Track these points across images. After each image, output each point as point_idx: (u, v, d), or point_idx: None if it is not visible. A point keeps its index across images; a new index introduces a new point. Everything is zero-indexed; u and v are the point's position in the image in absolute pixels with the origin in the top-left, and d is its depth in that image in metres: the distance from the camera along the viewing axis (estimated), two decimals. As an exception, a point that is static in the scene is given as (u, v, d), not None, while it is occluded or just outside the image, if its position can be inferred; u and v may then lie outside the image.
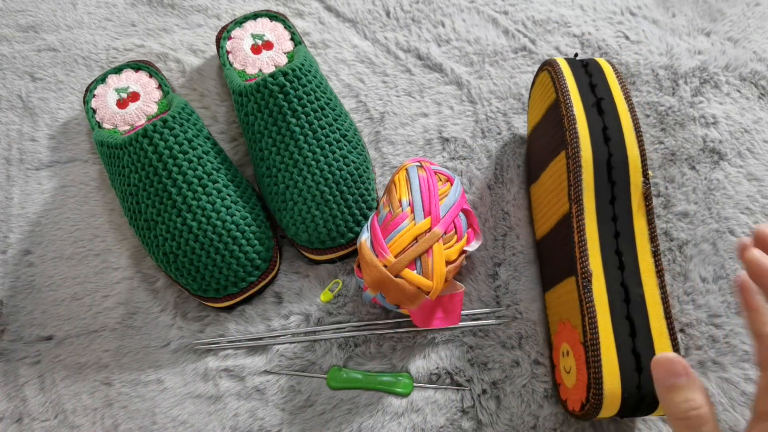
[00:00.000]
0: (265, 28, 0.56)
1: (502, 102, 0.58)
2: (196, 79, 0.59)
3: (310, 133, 0.49)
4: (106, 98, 0.54)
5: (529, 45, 0.60)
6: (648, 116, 0.56)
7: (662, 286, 0.41)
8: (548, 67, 0.47)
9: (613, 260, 0.42)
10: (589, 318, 0.40)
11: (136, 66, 0.56)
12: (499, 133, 0.56)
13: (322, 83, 0.52)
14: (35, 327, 0.50)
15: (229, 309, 0.50)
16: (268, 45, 0.56)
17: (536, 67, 0.59)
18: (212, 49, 0.60)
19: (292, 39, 0.56)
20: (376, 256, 0.44)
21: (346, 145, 0.50)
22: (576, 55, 0.48)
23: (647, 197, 0.42)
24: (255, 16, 0.57)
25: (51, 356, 0.49)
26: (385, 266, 0.43)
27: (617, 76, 0.45)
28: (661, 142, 0.55)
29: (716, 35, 0.60)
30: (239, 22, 0.57)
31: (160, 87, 0.55)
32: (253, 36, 0.56)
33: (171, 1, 0.63)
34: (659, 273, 0.41)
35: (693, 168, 0.54)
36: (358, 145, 0.52)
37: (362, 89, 0.58)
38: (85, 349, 0.50)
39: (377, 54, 0.60)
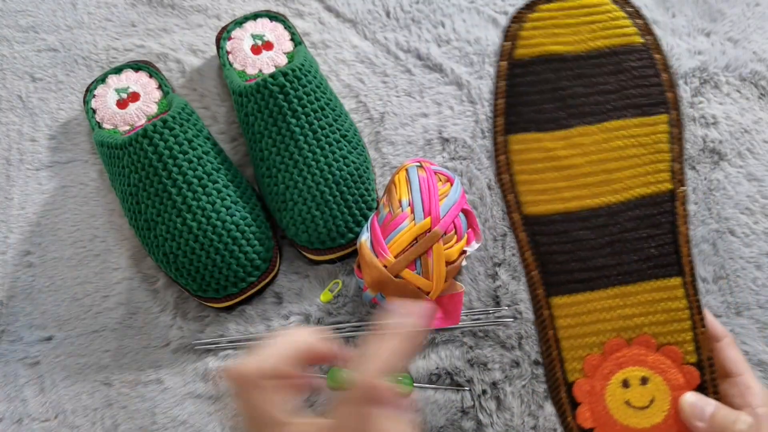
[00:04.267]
0: (265, 28, 0.56)
1: (502, 102, 0.57)
2: (196, 80, 0.59)
3: (310, 133, 0.49)
4: (106, 98, 0.54)
5: (529, 45, 0.60)
6: (648, 116, 0.56)
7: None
8: None
9: None
10: (706, 331, 0.33)
11: (136, 66, 0.56)
12: (499, 134, 0.56)
13: (322, 83, 0.52)
14: (35, 327, 0.50)
15: (229, 309, 0.50)
16: (268, 45, 0.56)
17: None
18: (212, 50, 0.60)
19: (292, 39, 0.56)
20: (376, 256, 0.44)
21: (346, 146, 0.50)
22: None
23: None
24: (255, 16, 0.57)
25: (51, 357, 0.49)
26: (385, 266, 0.43)
27: None
28: (661, 143, 0.55)
29: (716, 35, 0.60)
30: (239, 22, 0.57)
31: (160, 87, 0.55)
32: (253, 36, 0.56)
33: (171, 1, 0.63)
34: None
35: (693, 168, 0.54)
36: (358, 145, 0.52)
37: (362, 89, 0.58)
38: (85, 349, 0.50)
39: (377, 54, 0.60)
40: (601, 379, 0.33)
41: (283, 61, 0.55)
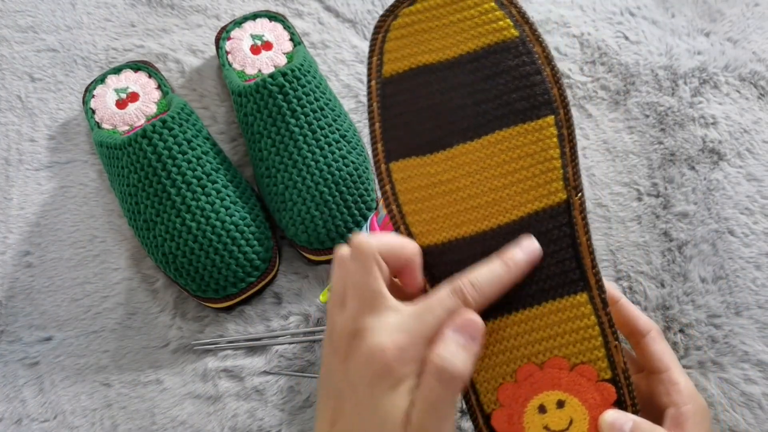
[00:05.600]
0: (265, 28, 0.56)
1: (502, 102, 0.57)
2: (196, 80, 0.59)
3: (309, 133, 0.49)
4: (105, 99, 0.54)
5: (529, 45, 0.60)
6: (647, 116, 0.56)
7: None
8: None
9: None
10: (620, 344, 0.31)
11: (136, 66, 0.56)
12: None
13: (321, 84, 0.52)
14: (34, 328, 0.50)
15: (228, 309, 0.50)
16: (268, 45, 0.56)
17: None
18: (211, 50, 0.60)
19: (291, 39, 0.56)
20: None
21: (345, 146, 0.50)
22: None
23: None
24: (254, 16, 0.57)
25: (50, 357, 0.49)
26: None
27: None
28: (660, 143, 0.55)
29: (716, 36, 0.60)
30: (238, 22, 0.57)
31: (159, 87, 0.55)
32: (253, 36, 0.56)
33: (170, 1, 0.63)
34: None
35: (692, 168, 0.54)
36: (358, 145, 0.52)
37: (362, 89, 0.58)
38: (85, 349, 0.50)
39: (377, 54, 0.60)
40: (518, 408, 0.31)
41: (282, 61, 0.55)
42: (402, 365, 0.26)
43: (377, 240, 0.29)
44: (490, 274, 0.29)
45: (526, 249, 0.30)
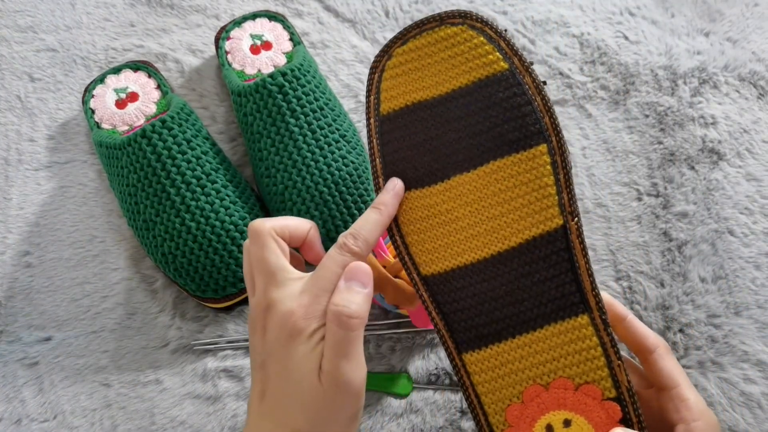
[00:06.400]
0: (264, 28, 0.56)
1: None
2: (195, 80, 0.59)
3: (309, 133, 0.49)
4: (104, 98, 0.54)
5: (528, 45, 0.60)
6: (647, 116, 0.56)
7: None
8: (475, 22, 0.33)
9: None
10: (623, 363, 0.32)
11: (135, 66, 0.55)
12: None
13: (321, 83, 0.52)
14: (34, 328, 0.50)
15: (227, 309, 0.50)
16: (267, 45, 0.55)
17: (537, 68, 0.59)
18: (211, 50, 0.60)
19: (291, 39, 0.56)
20: (375, 256, 0.44)
21: (345, 146, 0.50)
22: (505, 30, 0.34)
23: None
24: (254, 16, 0.57)
25: (50, 357, 0.49)
26: (384, 267, 0.43)
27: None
28: (660, 143, 0.55)
29: (715, 35, 0.60)
30: (238, 22, 0.57)
31: (158, 87, 0.55)
32: (252, 36, 0.56)
33: (170, 1, 0.63)
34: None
35: (692, 168, 0.54)
36: (357, 145, 0.52)
37: (361, 89, 0.58)
38: (84, 350, 0.50)
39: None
40: (526, 427, 0.32)
41: (282, 61, 0.55)
42: (309, 322, 0.29)
43: (271, 221, 0.32)
44: (367, 221, 0.32)
45: (390, 189, 0.33)
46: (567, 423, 0.32)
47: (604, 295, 0.34)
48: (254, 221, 0.32)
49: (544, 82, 0.33)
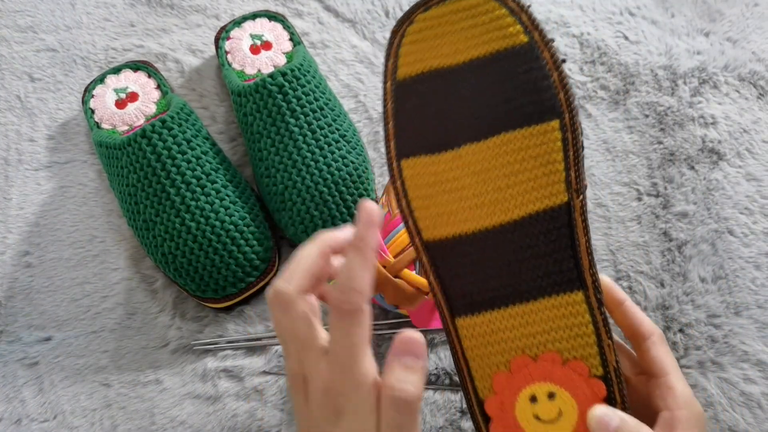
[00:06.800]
0: (264, 28, 0.56)
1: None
2: (195, 80, 0.59)
3: (309, 133, 0.49)
4: (104, 98, 0.54)
5: (528, 45, 0.60)
6: (647, 116, 0.56)
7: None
8: None
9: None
10: (614, 343, 0.32)
11: (135, 66, 0.55)
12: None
13: (321, 83, 0.52)
14: (34, 328, 0.50)
15: (227, 309, 0.50)
16: (267, 45, 0.55)
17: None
18: (211, 50, 0.60)
19: (291, 39, 0.56)
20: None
21: (345, 146, 0.50)
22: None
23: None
24: (254, 16, 0.57)
25: (50, 357, 0.49)
26: (384, 266, 0.43)
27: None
28: (660, 142, 0.55)
29: (715, 35, 0.60)
30: (238, 22, 0.57)
31: (158, 87, 0.55)
32: (252, 36, 0.56)
33: (170, 1, 0.63)
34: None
35: (692, 168, 0.54)
36: (357, 145, 0.52)
37: (361, 89, 0.58)
38: (84, 350, 0.50)
39: (376, 54, 0.60)
40: (510, 396, 0.33)
41: (282, 61, 0.55)
42: (352, 394, 0.28)
43: (295, 281, 0.30)
44: (354, 271, 0.29)
45: (365, 221, 0.30)
46: (551, 395, 0.32)
47: (604, 278, 0.34)
48: (275, 286, 0.29)
49: (564, 60, 0.32)
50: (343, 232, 0.32)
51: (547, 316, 0.32)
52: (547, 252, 0.32)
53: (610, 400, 0.31)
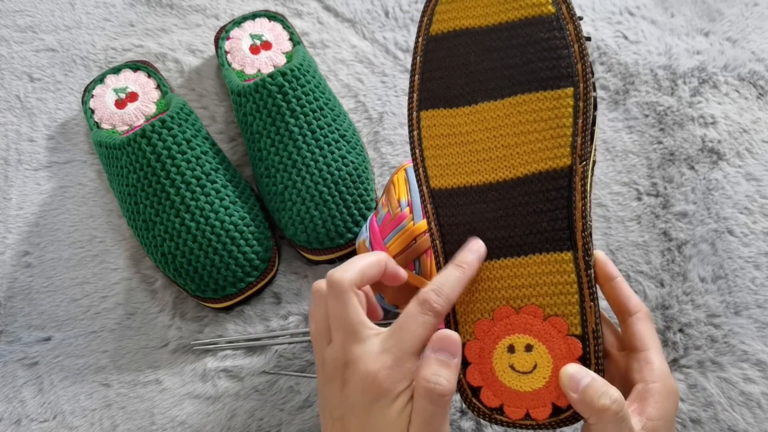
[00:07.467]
0: (264, 28, 0.56)
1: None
2: (195, 79, 0.59)
3: (308, 133, 0.49)
4: (104, 98, 0.54)
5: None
6: (647, 116, 0.56)
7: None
8: None
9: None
10: (596, 306, 0.33)
11: (135, 66, 0.55)
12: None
13: (320, 83, 0.52)
14: (34, 328, 0.50)
15: (227, 309, 0.50)
16: (267, 45, 0.55)
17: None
18: (211, 49, 0.60)
19: (290, 39, 0.56)
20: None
21: (345, 145, 0.50)
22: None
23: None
24: (253, 16, 0.57)
25: (49, 357, 0.49)
26: (384, 266, 0.43)
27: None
28: (659, 142, 0.55)
29: (715, 35, 0.60)
30: (238, 22, 0.57)
31: (158, 87, 0.55)
32: (252, 36, 0.56)
33: (169, 1, 0.63)
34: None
35: (692, 168, 0.54)
36: (357, 145, 0.52)
37: (361, 89, 0.58)
38: (84, 350, 0.50)
39: (376, 54, 0.60)
40: (489, 343, 0.34)
41: (281, 60, 0.55)
42: (393, 385, 0.30)
43: (350, 272, 0.32)
44: (448, 278, 0.33)
45: (474, 250, 0.34)
46: (528, 348, 0.34)
47: (600, 253, 0.36)
48: (334, 273, 0.32)
49: (588, 38, 0.34)
50: (400, 270, 0.36)
51: (534, 271, 0.34)
52: (543, 210, 0.34)
53: (584, 360, 0.33)
